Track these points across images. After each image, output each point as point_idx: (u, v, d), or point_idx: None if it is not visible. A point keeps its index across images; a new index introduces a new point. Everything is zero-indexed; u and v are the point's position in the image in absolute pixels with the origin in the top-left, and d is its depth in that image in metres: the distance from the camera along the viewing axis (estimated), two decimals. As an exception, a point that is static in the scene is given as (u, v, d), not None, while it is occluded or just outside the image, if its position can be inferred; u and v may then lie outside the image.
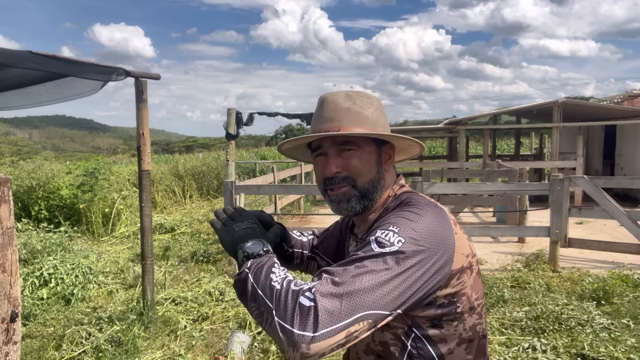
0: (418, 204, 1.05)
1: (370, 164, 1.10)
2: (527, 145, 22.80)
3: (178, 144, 67.32)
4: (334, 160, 1.09)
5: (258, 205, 9.78)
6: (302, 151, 1.24)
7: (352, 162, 1.08)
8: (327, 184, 1.10)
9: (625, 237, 6.70)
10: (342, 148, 1.08)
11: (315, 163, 1.15)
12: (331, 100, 1.11)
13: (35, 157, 14.49)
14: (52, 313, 4.58)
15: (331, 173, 1.08)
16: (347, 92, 1.13)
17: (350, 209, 1.10)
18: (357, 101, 1.11)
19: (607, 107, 12.00)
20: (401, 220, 0.98)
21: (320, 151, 1.12)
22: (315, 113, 1.14)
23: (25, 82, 3.71)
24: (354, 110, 1.09)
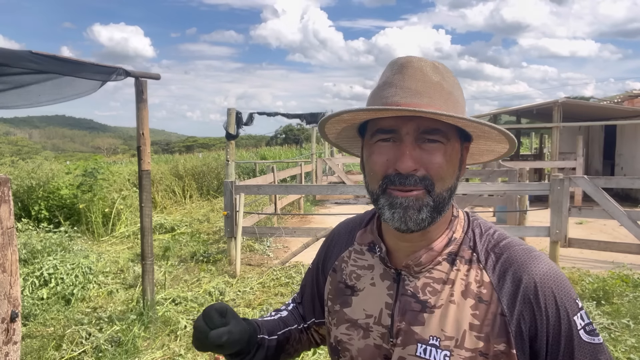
0: (535, 251, 0.86)
1: (455, 165, 0.83)
2: (527, 145, 22.82)
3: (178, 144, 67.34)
4: (413, 152, 0.78)
5: (258, 205, 9.78)
6: (346, 132, 0.92)
7: (437, 159, 0.79)
8: (394, 182, 0.79)
9: (625, 237, 6.70)
10: (425, 137, 0.79)
11: (372, 151, 0.83)
12: (417, 67, 0.80)
13: (35, 157, 14.49)
14: (52, 313, 4.58)
15: (408, 168, 0.77)
16: (433, 61, 0.83)
17: (420, 222, 0.79)
18: (446, 77, 0.82)
19: (607, 107, 12.00)
20: (568, 286, 0.82)
21: (390, 136, 0.80)
22: (387, 79, 0.82)
23: (25, 82, 3.71)
24: (446, 89, 0.80)
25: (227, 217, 6.38)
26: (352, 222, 1.05)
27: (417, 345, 0.82)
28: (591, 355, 0.77)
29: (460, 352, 0.79)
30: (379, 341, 0.88)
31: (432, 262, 0.86)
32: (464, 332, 0.80)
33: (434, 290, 0.84)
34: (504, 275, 0.81)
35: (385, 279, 0.90)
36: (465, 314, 0.81)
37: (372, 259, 0.94)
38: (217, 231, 8.45)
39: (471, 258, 0.85)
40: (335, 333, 0.95)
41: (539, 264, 0.81)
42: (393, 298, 0.87)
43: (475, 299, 0.81)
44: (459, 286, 0.83)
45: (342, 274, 0.97)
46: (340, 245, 1.02)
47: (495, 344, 0.79)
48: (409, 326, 0.84)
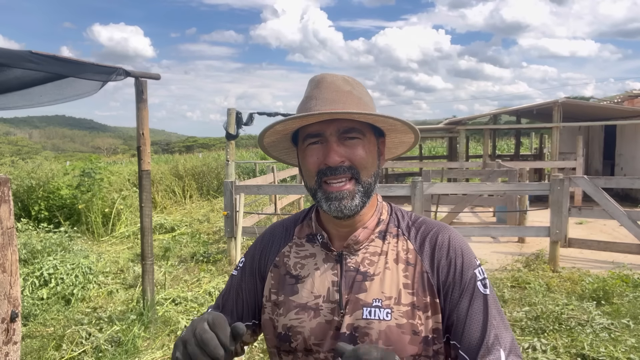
0: (445, 224, 1.08)
1: (374, 156, 0.99)
2: (527, 145, 22.81)
3: (178, 144, 67.32)
4: (337, 148, 0.94)
5: (258, 205, 9.78)
6: (282, 144, 1.08)
7: (358, 152, 0.95)
8: (326, 174, 0.95)
9: (625, 237, 6.70)
10: (345, 136, 0.95)
11: (305, 154, 0.98)
12: (330, 82, 0.98)
13: (35, 157, 14.48)
14: (52, 313, 4.58)
15: (335, 162, 0.93)
16: (342, 75, 1.01)
17: (354, 208, 0.96)
18: (355, 86, 1.00)
19: (607, 107, 12.00)
20: (470, 248, 1.03)
21: (317, 139, 0.96)
22: (309, 94, 0.99)
23: (26, 83, 3.71)
24: (356, 95, 0.98)
25: (227, 217, 6.38)
26: (286, 221, 1.17)
27: (363, 310, 0.96)
28: (483, 301, 0.95)
29: (399, 308, 0.95)
30: (329, 316, 0.99)
31: (367, 240, 1.02)
32: (399, 291, 0.97)
33: (371, 262, 1.00)
34: (424, 241, 1.01)
35: (328, 262, 1.03)
36: (399, 276, 0.98)
37: (313, 248, 1.06)
38: (217, 231, 8.45)
39: (397, 233, 1.04)
40: (284, 322, 1.02)
41: (449, 230, 1.03)
42: (338, 276, 1.00)
43: (404, 263, 1.00)
44: (391, 255, 1.01)
45: (286, 267, 1.07)
46: (277, 243, 1.12)
47: (423, 297, 0.96)
48: (354, 295, 0.98)
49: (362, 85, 1.02)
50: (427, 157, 20.63)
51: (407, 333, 0.94)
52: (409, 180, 6.32)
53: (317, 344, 0.99)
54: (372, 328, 0.94)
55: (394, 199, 12.45)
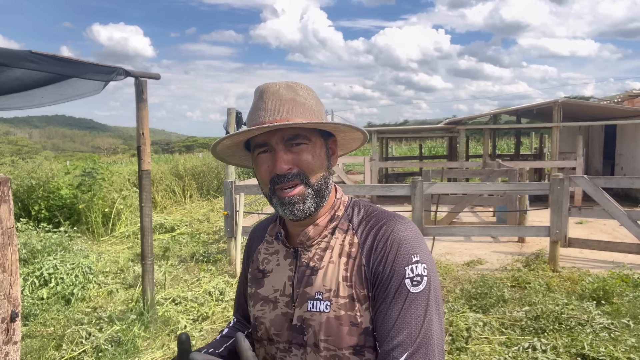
0: (400, 216, 1.05)
1: (322, 158, 1.03)
2: (527, 145, 22.81)
3: (178, 144, 67.29)
4: (284, 156, 0.98)
5: (258, 205, 9.78)
6: (238, 152, 1.13)
7: (304, 157, 1.00)
8: (277, 182, 0.99)
9: (625, 237, 6.70)
10: (291, 143, 0.99)
11: (257, 163, 1.03)
12: (273, 91, 1.01)
13: (36, 157, 14.49)
14: (52, 313, 4.58)
15: (283, 170, 0.98)
16: (286, 82, 1.04)
17: (307, 210, 1.00)
18: (299, 92, 1.03)
19: (607, 106, 12.00)
20: (413, 242, 0.99)
21: (265, 148, 1.00)
22: (254, 105, 1.03)
23: (27, 85, 3.71)
24: (299, 101, 1.01)
25: (227, 217, 6.38)
26: (266, 220, 1.23)
27: (308, 302, 1.01)
28: (407, 300, 0.94)
29: (337, 300, 0.99)
30: (285, 309, 1.05)
31: (319, 236, 1.06)
32: (338, 284, 1.00)
33: (320, 256, 1.04)
34: (368, 234, 1.02)
35: (287, 258, 1.09)
36: (340, 270, 1.01)
37: (278, 245, 1.13)
38: (217, 231, 8.45)
39: (348, 228, 1.06)
40: (253, 313, 1.11)
41: (398, 222, 1.01)
42: (293, 271, 1.06)
43: (347, 257, 1.02)
44: (337, 250, 1.04)
45: (257, 263, 1.15)
46: (257, 241, 1.20)
47: (361, 289, 0.98)
48: (303, 289, 1.03)
49: (308, 89, 1.06)
50: (427, 157, 20.63)
51: (345, 324, 0.97)
52: (409, 180, 6.32)
53: (276, 334, 1.06)
54: (314, 320, 0.99)
55: (394, 199, 12.35)
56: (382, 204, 11.01)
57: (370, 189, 6.87)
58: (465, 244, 7.40)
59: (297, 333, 1.02)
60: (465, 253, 6.82)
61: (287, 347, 1.04)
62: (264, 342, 1.08)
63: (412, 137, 27.32)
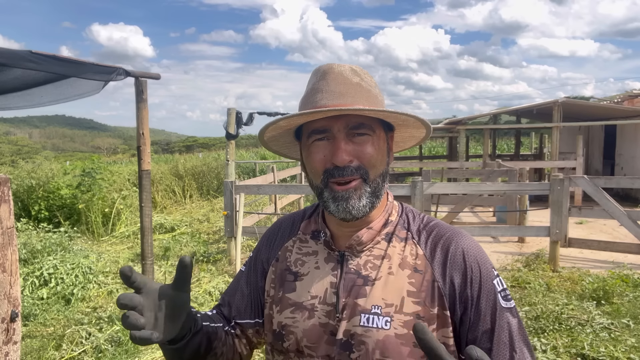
0: (460, 229, 0.99)
1: (383, 153, 0.93)
2: (527, 145, 22.80)
3: (178, 144, 67.29)
4: (346, 147, 0.88)
5: (258, 205, 9.78)
6: (283, 138, 1.01)
7: (368, 150, 0.89)
8: (333, 175, 0.89)
9: (625, 237, 6.70)
10: (354, 132, 0.89)
11: (311, 150, 0.92)
12: (338, 72, 0.91)
13: (36, 157, 14.49)
14: (52, 313, 4.58)
15: (344, 162, 0.87)
16: (351, 65, 0.94)
17: (362, 209, 0.89)
18: (364, 77, 0.93)
19: (607, 107, 12.00)
20: (487, 257, 0.94)
21: (324, 135, 0.90)
22: (314, 86, 0.92)
23: (26, 84, 3.71)
24: (365, 87, 0.92)
25: (227, 217, 6.38)
26: (294, 215, 1.12)
27: (361, 316, 0.89)
28: (507, 315, 0.88)
29: (399, 317, 0.88)
30: (324, 319, 0.93)
31: (372, 241, 0.95)
32: (402, 299, 0.89)
33: (374, 265, 0.93)
34: (435, 247, 0.93)
35: (330, 262, 0.97)
36: (403, 283, 0.90)
37: (316, 245, 1.00)
38: (217, 231, 8.45)
39: (406, 236, 0.96)
40: (279, 319, 0.98)
41: (464, 237, 0.94)
42: (337, 277, 0.94)
43: (411, 269, 0.92)
44: (397, 260, 0.93)
45: (287, 262, 1.02)
46: (283, 236, 1.07)
47: (431, 308, 0.88)
48: (353, 300, 0.91)
49: (371, 76, 0.96)
50: (427, 157, 20.62)
51: (407, 345, 0.87)
52: (409, 180, 6.32)
53: (309, 347, 0.93)
54: (369, 337, 0.88)
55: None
56: (382, 204, 11.00)
57: (370, 189, 6.87)
58: (465, 244, 7.39)
59: (341, 349, 0.90)
60: (465, 253, 6.81)
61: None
62: (290, 355, 0.96)
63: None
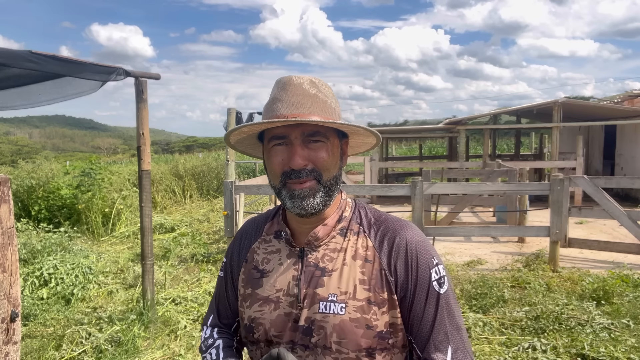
0: (406, 221, 1.10)
1: (336, 158, 1.03)
2: (527, 145, 22.80)
3: (178, 144, 67.25)
4: (301, 152, 0.98)
5: (258, 205, 9.79)
6: (247, 141, 1.12)
7: (321, 155, 0.99)
8: (290, 177, 0.99)
9: (625, 237, 6.70)
10: (309, 139, 0.99)
11: (270, 154, 1.02)
12: (297, 84, 1.00)
13: (36, 157, 14.49)
14: (52, 313, 4.58)
15: (299, 165, 0.97)
16: (309, 77, 1.04)
17: (316, 206, 1.00)
18: (321, 89, 1.02)
19: (607, 107, 12.00)
20: (428, 247, 1.05)
21: (282, 141, 0.99)
22: (275, 96, 1.01)
23: (25, 81, 3.71)
24: (321, 98, 1.01)
25: (227, 217, 6.38)
26: (257, 218, 1.21)
27: (320, 304, 1.00)
28: (437, 300, 1.00)
29: (353, 302, 0.99)
30: (288, 309, 1.03)
31: (328, 236, 1.06)
32: (355, 286, 1.00)
33: (330, 258, 1.04)
34: (383, 239, 1.04)
35: (291, 257, 1.07)
36: (356, 272, 1.01)
37: (279, 243, 1.11)
38: (217, 231, 8.45)
39: (359, 230, 1.07)
40: (249, 314, 1.08)
41: (408, 229, 1.05)
42: (299, 271, 1.05)
43: (362, 260, 1.03)
44: (350, 252, 1.04)
45: (254, 262, 1.12)
46: (249, 239, 1.17)
47: (379, 293, 1.00)
48: (312, 290, 1.02)
49: (328, 87, 1.06)
50: (427, 157, 20.63)
51: (361, 327, 0.98)
52: (409, 180, 6.32)
53: (277, 336, 1.03)
54: (327, 321, 0.99)
55: (394, 199, 12.33)
56: (382, 204, 11.01)
57: (370, 189, 6.87)
58: (465, 244, 7.40)
59: (303, 334, 1.01)
60: (465, 253, 6.82)
61: (290, 348, 1.02)
62: (260, 344, 1.06)
63: (412, 137, 27.32)
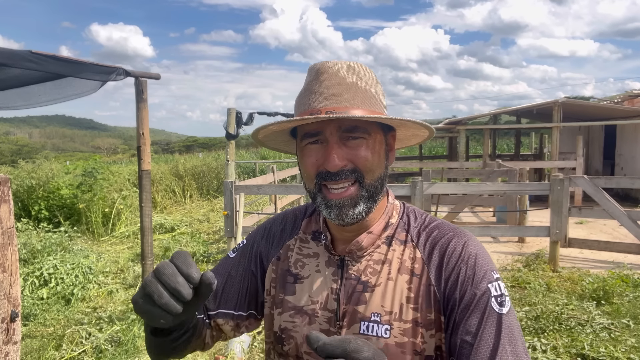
0: (462, 229, 0.94)
1: (381, 156, 0.89)
2: (527, 145, 22.80)
3: (178, 144, 67.26)
4: (339, 151, 0.84)
5: (258, 205, 9.78)
6: (280, 137, 0.98)
7: (362, 153, 0.85)
8: (326, 178, 0.85)
9: (625, 237, 6.70)
10: (347, 135, 0.85)
11: (304, 153, 0.89)
12: (332, 71, 0.86)
13: (36, 157, 14.50)
14: (52, 313, 4.58)
15: (336, 167, 0.83)
16: (348, 62, 0.89)
17: (357, 215, 0.86)
18: (362, 75, 0.88)
19: (607, 107, 12.00)
20: (488, 259, 0.88)
21: (316, 138, 0.86)
22: (307, 86, 0.88)
23: (25, 82, 3.71)
24: (361, 87, 0.86)
25: (227, 217, 6.38)
26: (296, 211, 1.07)
27: (360, 324, 0.88)
28: (497, 322, 0.81)
29: (399, 324, 0.86)
30: (326, 326, 0.91)
31: (372, 246, 0.92)
32: (401, 306, 0.87)
33: (374, 270, 0.90)
34: (433, 249, 0.89)
35: (330, 266, 0.94)
36: (402, 289, 0.88)
37: (317, 247, 0.98)
38: (217, 231, 8.45)
39: (406, 239, 0.93)
40: (279, 322, 0.96)
41: (464, 238, 0.90)
42: (338, 283, 0.92)
43: (409, 274, 0.89)
44: (396, 264, 0.90)
45: (288, 262, 0.99)
46: (285, 233, 1.03)
47: (427, 313, 0.86)
48: (353, 307, 0.89)
49: (370, 72, 0.91)
50: (427, 157, 20.62)
51: (408, 353, 0.85)
52: (409, 180, 6.32)
53: (309, 353, 0.91)
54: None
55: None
56: (382, 204, 10.99)
57: (370, 189, 6.86)
58: (465, 244, 7.39)
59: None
60: (465, 253, 6.81)
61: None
62: (289, 359, 0.95)
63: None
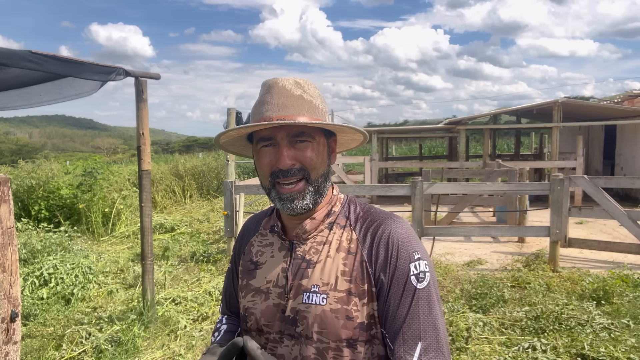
0: (394, 215, 1.10)
1: (323, 156, 1.07)
2: (527, 145, 22.79)
3: (178, 144, 67.23)
4: (289, 152, 1.01)
5: (258, 205, 9.79)
6: (239, 142, 1.16)
7: (308, 154, 1.03)
8: (278, 176, 1.02)
9: (625, 237, 6.70)
10: (295, 139, 1.02)
11: (259, 155, 1.06)
12: (281, 86, 1.04)
13: (36, 157, 14.50)
14: (52, 313, 4.58)
15: (286, 165, 1.01)
16: (294, 78, 1.06)
17: (305, 206, 1.04)
18: (306, 89, 1.05)
19: (607, 107, 12.00)
20: (412, 240, 1.04)
21: (269, 142, 1.03)
22: (261, 99, 1.05)
23: (25, 82, 3.71)
24: (306, 99, 1.04)
25: (227, 217, 6.38)
26: (259, 214, 1.26)
27: (303, 294, 1.04)
28: (413, 295, 0.99)
29: (334, 294, 1.01)
30: (277, 300, 1.07)
31: (315, 230, 1.09)
32: (336, 278, 1.03)
33: (316, 250, 1.07)
34: (367, 231, 1.06)
35: (282, 250, 1.12)
36: (338, 264, 1.04)
37: (273, 237, 1.15)
38: (217, 231, 8.45)
39: (345, 224, 1.09)
40: (243, 303, 1.14)
41: (393, 222, 1.06)
42: (287, 263, 1.09)
43: (345, 252, 1.05)
44: (335, 244, 1.07)
45: (250, 255, 1.17)
46: (249, 234, 1.23)
47: (361, 284, 1.01)
48: (298, 281, 1.05)
49: (314, 87, 1.08)
50: (427, 157, 20.62)
51: (341, 318, 1.00)
52: (409, 180, 6.32)
53: (267, 325, 1.08)
54: (309, 312, 1.02)
55: (394, 199, 12.32)
56: (382, 204, 11.00)
57: (370, 189, 6.87)
58: (465, 244, 7.40)
59: (289, 324, 1.04)
60: (465, 253, 6.82)
61: (279, 337, 1.06)
62: (252, 333, 1.10)
63: (412, 137, 27.34)
